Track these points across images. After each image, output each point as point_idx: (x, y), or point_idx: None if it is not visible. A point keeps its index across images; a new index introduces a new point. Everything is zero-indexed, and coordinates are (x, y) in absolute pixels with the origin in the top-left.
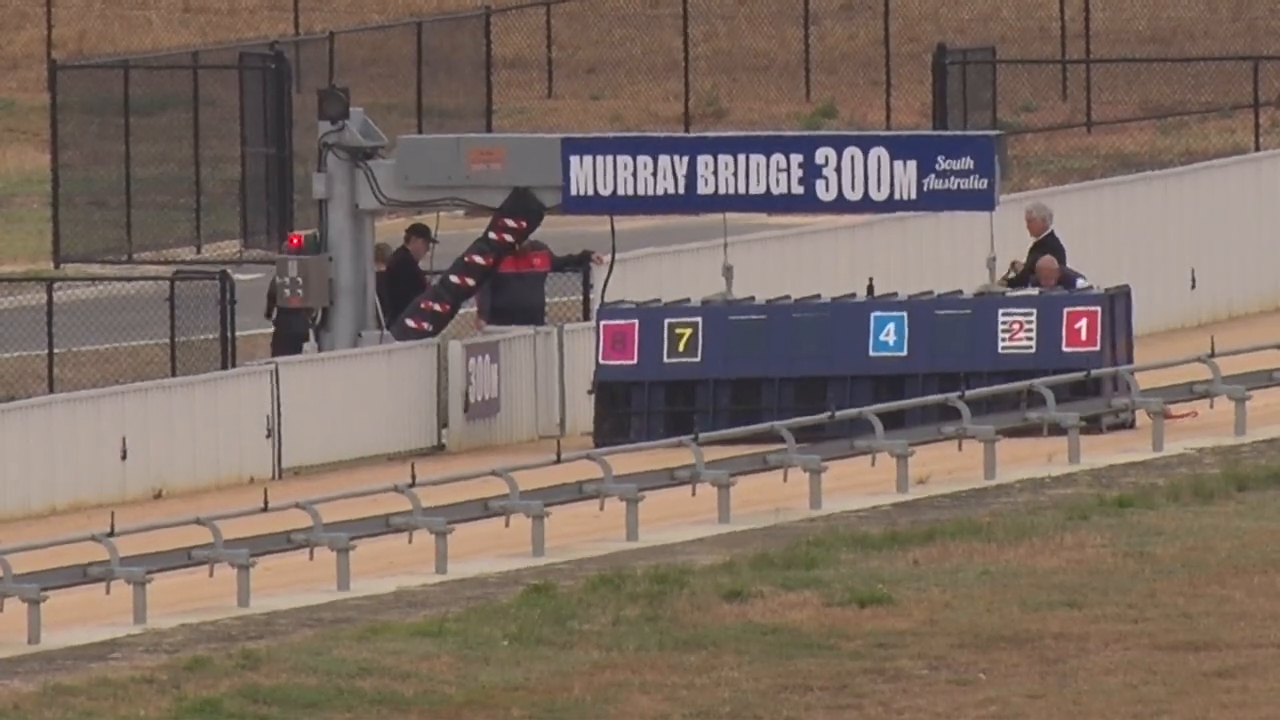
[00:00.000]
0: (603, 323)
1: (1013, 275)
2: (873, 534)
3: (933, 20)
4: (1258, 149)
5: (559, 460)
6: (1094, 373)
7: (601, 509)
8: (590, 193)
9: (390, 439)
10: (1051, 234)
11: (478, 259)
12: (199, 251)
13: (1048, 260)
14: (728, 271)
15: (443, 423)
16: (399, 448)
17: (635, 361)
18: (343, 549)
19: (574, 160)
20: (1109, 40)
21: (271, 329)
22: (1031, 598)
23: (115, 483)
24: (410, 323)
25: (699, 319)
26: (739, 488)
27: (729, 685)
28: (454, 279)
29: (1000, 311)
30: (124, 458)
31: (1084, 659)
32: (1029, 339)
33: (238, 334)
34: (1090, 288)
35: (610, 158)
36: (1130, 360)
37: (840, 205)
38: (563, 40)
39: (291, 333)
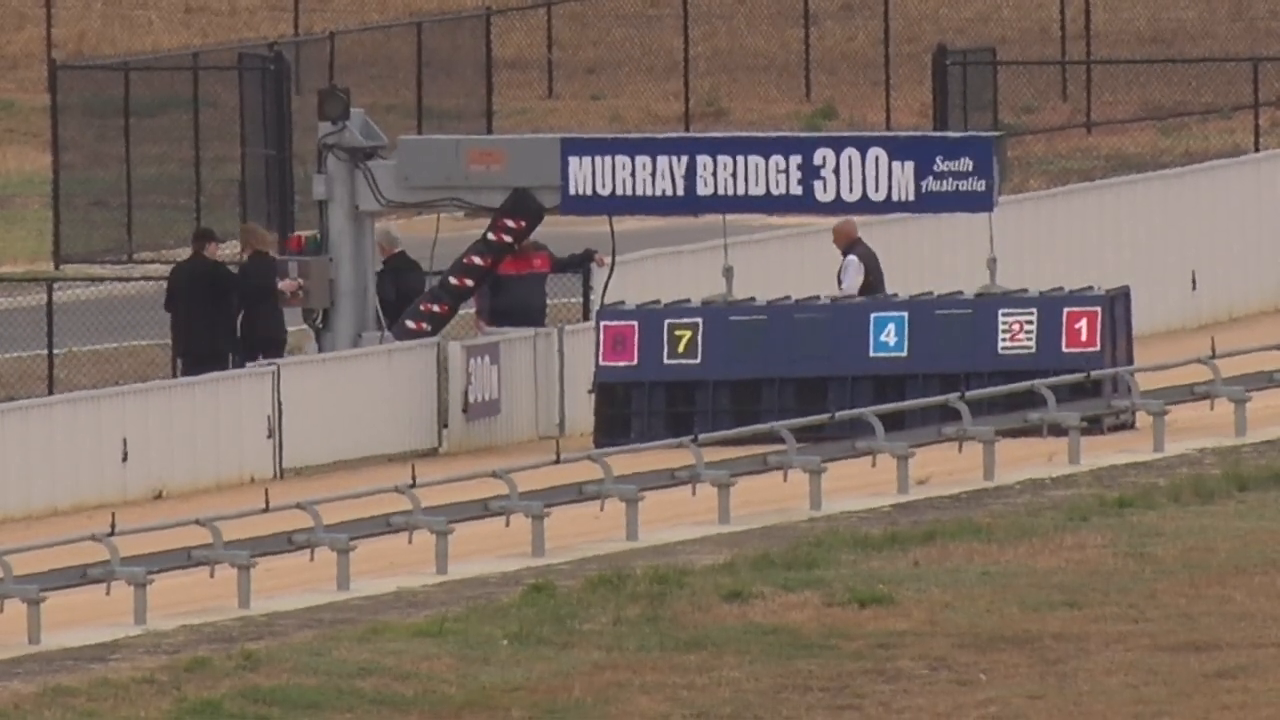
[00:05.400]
0: (603, 324)
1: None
2: (873, 534)
3: (933, 21)
4: (1258, 150)
5: (559, 461)
6: (1094, 374)
7: (602, 509)
8: (589, 193)
9: (391, 439)
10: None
11: (476, 260)
12: None
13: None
14: (728, 272)
15: (443, 423)
16: (399, 448)
17: (635, 362)
18: (343, 549)
19: (573, 161)
20: (1109, 41)
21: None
22: (1032, 598)
23: (116, 483)
24: (410, 324)
25: (699, 320)
26: (739, 488)
27: (729, 685)
28: (453, 280)
29: (1000, 312)
30: (124, 458)
31: (1084, 659)
32: (1029, 340)
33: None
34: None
35: (610, 158)
36: (1130, 361)
37: (838, 206)
38: (563, 40)
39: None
